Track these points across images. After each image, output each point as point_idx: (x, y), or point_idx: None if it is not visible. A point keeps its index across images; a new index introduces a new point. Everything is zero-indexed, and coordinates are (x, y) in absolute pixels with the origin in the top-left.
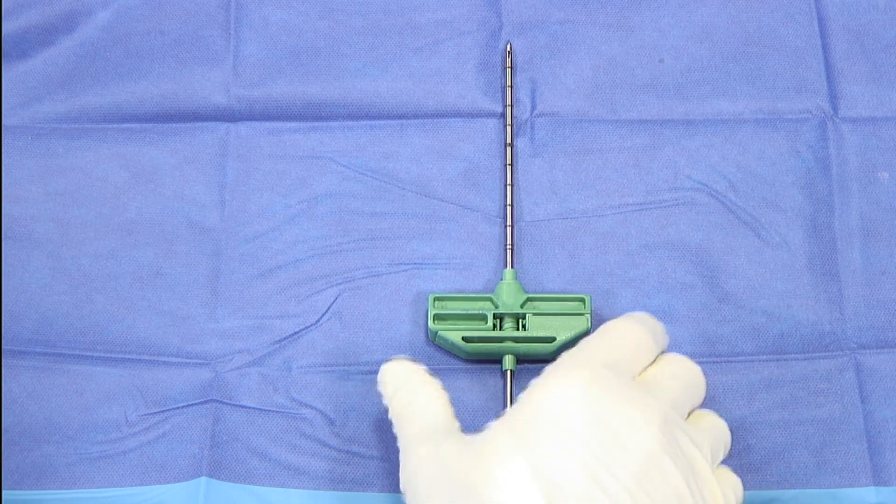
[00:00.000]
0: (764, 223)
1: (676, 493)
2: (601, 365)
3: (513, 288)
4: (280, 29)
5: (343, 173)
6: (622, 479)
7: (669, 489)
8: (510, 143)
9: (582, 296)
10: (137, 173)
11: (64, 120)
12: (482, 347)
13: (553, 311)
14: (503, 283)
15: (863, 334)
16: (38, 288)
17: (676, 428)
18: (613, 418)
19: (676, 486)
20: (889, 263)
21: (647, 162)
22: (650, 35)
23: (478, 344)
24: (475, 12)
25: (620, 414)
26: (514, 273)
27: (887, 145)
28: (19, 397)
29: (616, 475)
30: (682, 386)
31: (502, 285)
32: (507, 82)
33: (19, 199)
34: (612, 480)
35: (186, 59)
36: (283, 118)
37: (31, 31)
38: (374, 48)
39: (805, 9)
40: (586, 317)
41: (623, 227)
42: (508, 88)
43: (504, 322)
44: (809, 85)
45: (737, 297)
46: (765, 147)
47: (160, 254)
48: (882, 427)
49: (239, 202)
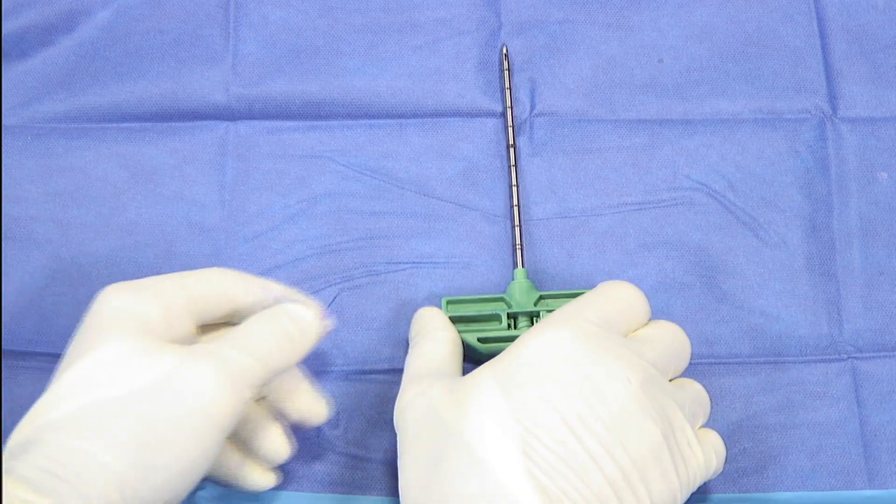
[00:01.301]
0: (762, 223)
1: (652, 448)
2: (591, 320)
3: (525, 287)
4: (279, 28)
5: (342, 172)
6: (598, 431)
7: (646, 444)
8: (512, 144)
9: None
10: (137, 173)
11: (63, 120)
12: (499, 347)
13: None
14: (515, 283)
15: (860, 337)
16: (38, 288)
17: (657, 386)
18: (596, 371)
19: (653, 441)
20: (887, 264)
21: (645, 161)
22: (649, 35)
23: (494, 344)
24: (474, 11)
25: (603, 367)
26: (525, 272)
27: (886, 145)
28: (19, 398)
29: (592, 427)
30: (667, 349)
31: (514, 285)
32: (505, 84)
33: (19, 199)
34: (588, 431)
35: (186, 58)
36: (283, 117)
37: (31, 31)
38: (373, 47)
39: (804, 9)
40: None
41: (622, 227)
42: (507, 91)
43: (519, 321)
44: (808, 85)
45: (735, 297)
46: (764, 147)
47: (160, 254)
48: (878, 431)
49: (238, 201)
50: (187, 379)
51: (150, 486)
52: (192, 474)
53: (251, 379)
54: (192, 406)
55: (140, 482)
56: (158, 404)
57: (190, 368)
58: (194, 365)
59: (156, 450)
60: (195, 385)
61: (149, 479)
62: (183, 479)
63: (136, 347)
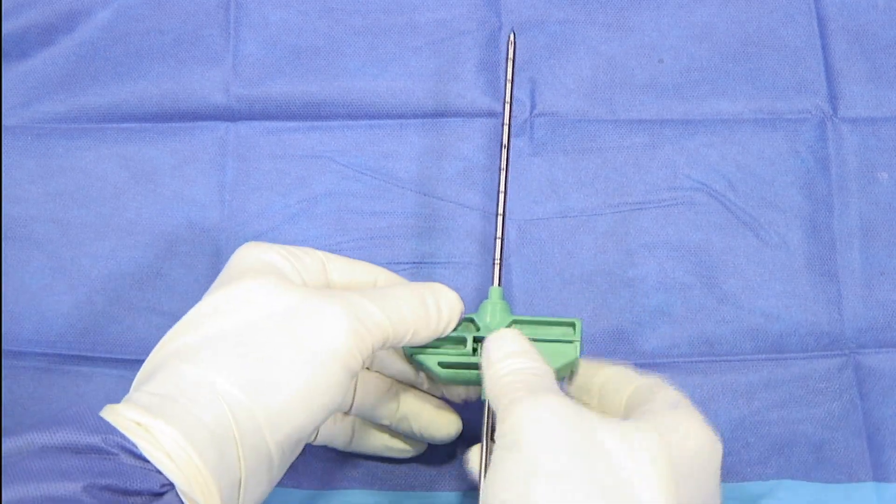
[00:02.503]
0: (763, 223)
1: None
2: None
3: (498, 308)
4: (279, 28)
5: (342, 172)
6: None
7: None
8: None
9: (572, 320)
10: (137, 173)
11: (63, 120)
12: (459, 375)
13: (539, 336)
14: (488, 303)
15: (862, 335)
16: (38, 288)
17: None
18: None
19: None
20: (888, 264)
21: (646, 161)
22: (649, 35)
23: (455, 371)
24: (475, 12)
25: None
26: (500, 292)
27: (886, 145)
28: (20, 398)
29: None
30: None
31: (487, 304)
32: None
33: (19, 200)
34: None
35: (186, 58)
36: (283, 118)
37: (31, 31)
38: (373, 48)
39: (804, 9)
40: (575, 345)
41: (622, 227)
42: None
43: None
44: (809, 85)
45: (735, 297)
46: (764, 147)
47: (160, 254)
48: (881, 425)
49: (239, 202)
50: (315, 312)
51: (264, 409)
52: (311, 405)
53: (379, 334)
54: (316, 337)
55: (253, 403)
56: (280, 333)
57: (320, 304)
58: (325, 302)
59: (272, 373)
60: (322, 319)
61: (262, 401)
62: (303, 408)
63: (268, 283)
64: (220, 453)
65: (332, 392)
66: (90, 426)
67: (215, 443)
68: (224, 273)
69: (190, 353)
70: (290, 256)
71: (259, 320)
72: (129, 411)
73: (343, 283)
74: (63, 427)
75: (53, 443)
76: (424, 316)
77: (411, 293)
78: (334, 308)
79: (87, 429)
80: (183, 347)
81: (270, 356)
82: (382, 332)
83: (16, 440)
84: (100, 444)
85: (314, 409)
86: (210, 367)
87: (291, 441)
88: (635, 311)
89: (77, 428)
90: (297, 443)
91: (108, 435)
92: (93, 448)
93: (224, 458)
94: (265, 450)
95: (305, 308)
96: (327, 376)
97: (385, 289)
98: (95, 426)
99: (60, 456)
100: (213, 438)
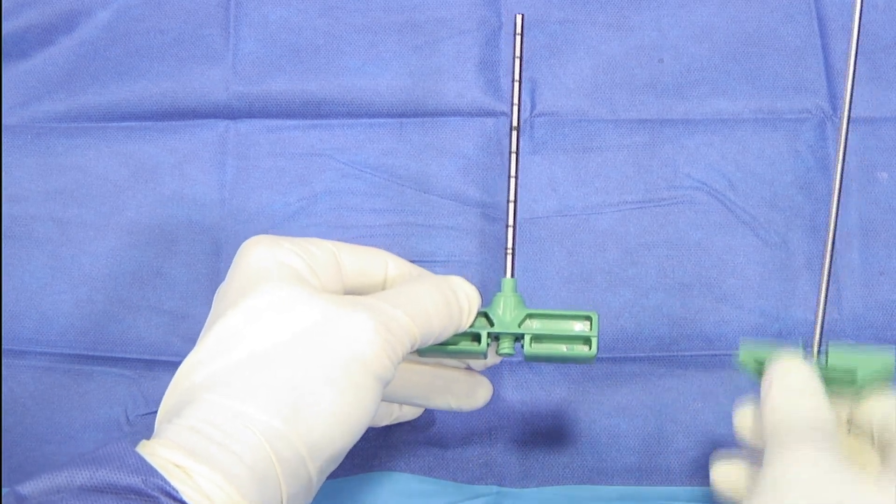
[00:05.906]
0: (763, 223)
1: None
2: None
3: (511, 302)
4: (279, 27)
5: (342, 171)
6: None
7: None
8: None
9: (588, 313)
10: (137, 172)
11: (64, 119)
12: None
13: (555, 332)
14: (501, 296)
15: (861, 335)
16: (38, 288)
17: None
18: None
19: None
20: (887, 264)
21: (646, 160)
22: (650, 35)
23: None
24: (475, 11)
25: None
26: (513, 284)
27: (886, 145)
28: (20, 397)
29: None
30: None
31: (500, 298)
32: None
33: (19, 198)
34: None
35: (186, 57)
36: (283, 116)
37: (31, 31)
38: (373, 46)
39: (804, 9)
40: (593, 340)
41: (622, 226)
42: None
43: (501, 343)
44: (809, 85)
45: (735, 296)
46: (764, 146)
47: (160, 253)
48: None
49: (239, 200)
50: (342, 325)
51: (303, 437)
52: (350, 424)
53: (408, 340)
54: (346, 351)
55: (291, 432)
56: (310, 352)
57: (345, 315)
58: (349, 312)
59: (306, 397)
60: (350, 331)
61: (300, 428)
62: (341, 429)
63: (288, 296)
64: (262, 488)
65: (367, 406)
66: (130, 466)
67: (256, 479)
68: (237, 273)
69: (220, 384)
70: (302, 253)
71: (287, 341)
72: (168, 451)
73: (355, 271)
74: (103, 466)
75: (93, 483)
76: (447, 315)
77: (435, 291)
78: (361, 317)
79: (126, 469)
80: (214, 375)
81: (303, 378)
82: (410, 338)
83: (54, 477)
84: (140, 486)
85: (352, 427)
86: (244, 397)
87: (331, 462)
88: (635, 311)
89: (117, 467)
90: (336, 461)
91: (148, 477)
92: (132, 489)
93: (265, 492)
94: (305, 476)
95: (332, 321)
96: (362, 391)
97: (407, 289)
98: (136, 467)
99: (101, 498)
100: (254, 475)
